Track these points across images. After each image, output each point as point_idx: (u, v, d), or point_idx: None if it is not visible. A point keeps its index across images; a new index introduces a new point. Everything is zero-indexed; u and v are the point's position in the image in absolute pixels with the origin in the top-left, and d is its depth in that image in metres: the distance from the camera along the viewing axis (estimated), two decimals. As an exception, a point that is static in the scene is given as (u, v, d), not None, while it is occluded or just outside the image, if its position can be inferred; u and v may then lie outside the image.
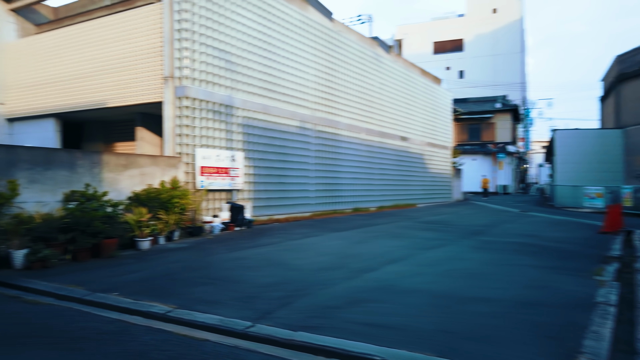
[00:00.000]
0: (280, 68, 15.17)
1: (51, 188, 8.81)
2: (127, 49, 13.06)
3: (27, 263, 7.42)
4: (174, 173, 11.51)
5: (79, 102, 14.19)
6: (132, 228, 9.25)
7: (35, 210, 8.35)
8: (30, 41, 15.64)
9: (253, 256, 8.70)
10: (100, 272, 7.19)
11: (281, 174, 15.22)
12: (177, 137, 11.84)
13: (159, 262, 8.05)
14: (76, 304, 5.60)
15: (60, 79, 14.62)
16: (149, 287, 6.28)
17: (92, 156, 9.68)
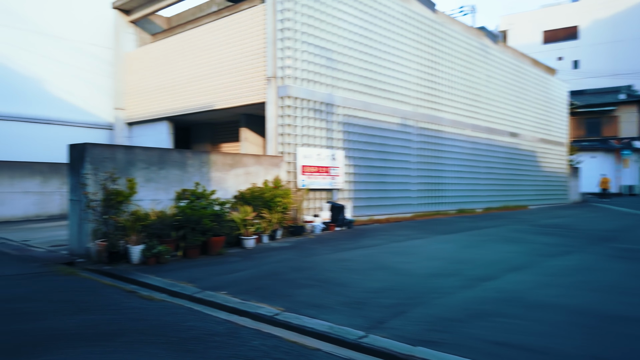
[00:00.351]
0: (381, 64, 14.69)
1: (164, 186, 9.20)
2: (232, 52, 13.44)
3: (143, 258, 7.75)
4: (276, 172, 11.54)
5: (188, 105, 14.92)
6: (237, 226, 9.36)
7: (151, 207, 8.75)
8: (146, 50, 16.81)
9: (357, 258, 8.33)
10: (209, 270, 7.27)
11: (382, 173, 14.73)
12: (279, 136, 11.88)
13: (264, 261, 7.99)
14: (187, 302, 5.63)
15: (172, 84, 15.50)
16: (256, 286, 6.17)
17: (201, 156, 9.97)
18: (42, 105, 16.51)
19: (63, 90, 17.02)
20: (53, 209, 16.42)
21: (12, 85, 15.84)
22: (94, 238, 8.08)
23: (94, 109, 17.82)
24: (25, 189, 15.79)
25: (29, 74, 16.19)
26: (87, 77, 17.53)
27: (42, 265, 7.69)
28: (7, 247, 9.82)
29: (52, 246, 9.65)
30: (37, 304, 5.27)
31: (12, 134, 15.84)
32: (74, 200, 8.43)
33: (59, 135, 16.90)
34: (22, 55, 15.97)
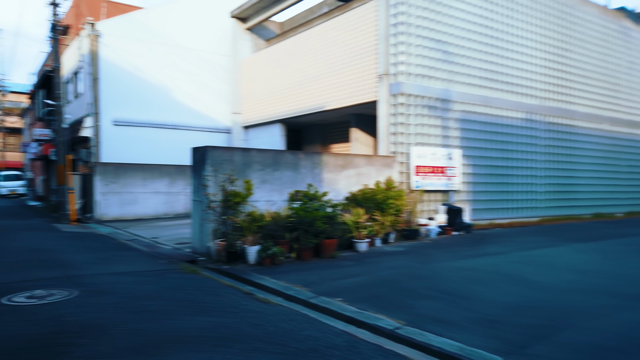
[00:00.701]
0: (503, 54, 13.49)
1: (278, 188, 9.25)
2: (342, 52, 13.27)
3: (259, 259, 7.81)
4: (389, 173, 11.09)
5: (300, 107, 15.08)
6: (349, 229, 9.09)
7: (265, 208, 8.84)
8: (260, 55, 17.39)
9: (481, 267, 7.57)
10: (322, 274, 7.07)
11: (504, 173, 13.52)
12: (391, 135, 11.42)
13: (379, 267, 7.60)
14: (303, 307, 5.45)
15: (284, 87, 15.81)
16: (372, 294, 5.80)
17: (313, 157, 9.89)
18: (170, 112, 17.88)
19: (187, 97, 18.28)
20: (179, 208, 17.69)
21: (145, 94, 17.36)
22: (213, 238, 8.35)
23: (214, 114, 18.90)
24: (156, 189, 17.20)
25: (158, 83, 17.62)
26: (208, 84, 18.65)
27: (168, 263, 8.12)
28: (140, 243, 10.64)
29: (178, 244, 10.24)
30: (162, 303, 5.45)
31: (145, 138, 17.37)
32: (196, 200, 8.81)
33: (184, 139, 18.16)
34: (152, 66, 17.44)
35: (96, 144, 16.36)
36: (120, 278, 6.71)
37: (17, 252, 8.95)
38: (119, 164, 16.46)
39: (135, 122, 17.16)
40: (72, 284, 6.25)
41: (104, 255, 8.77)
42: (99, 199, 16.00)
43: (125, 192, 16.53)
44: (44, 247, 9.63)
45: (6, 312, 4.93)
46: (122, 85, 16.85)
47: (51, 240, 10.88)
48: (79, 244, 10.21)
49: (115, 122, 16.76)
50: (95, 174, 16.00)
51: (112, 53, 16.63)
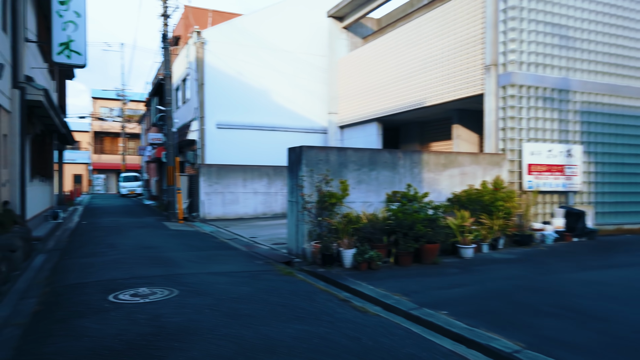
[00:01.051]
0: (634, 36, 11.76)
1: (375, 188, 8.81)
2: (444, 44, 12.46)
3: (355, 263, 7.44)
4: (497, 172, 10.12)
5: (397, 105, 14.49)
6: (453, 233, 8.38)
7: (361, 210, 8.45)
8: (356, 54, 17.06)
9: (613, 281, 6.49)
10: (423, 282, 6.51)
11: (635, 171, 11.78)
12: (499, 131, 10.43)
13: (488, 276, 6.85)
14: (403, 319, 4.96)
15: (381, 84, 15.32)
16: (482, 309, 5.14)
17: (412, 156, 9.30)
18: (268, 114, 18.25)
19: (284, 99, 18.53)
20: (276, 208, 17.97)
21: (245, 97, 17.89)
22: (309, 239, 8.14)
23: (310, 115, 18.97)
24: (255, 189, 17.63)
25: (257, 86, 18.07)
26: (304, 85, 18.76)
27: (264, 264, 8.06)
28: (239, 242, 10.83)
29: (274, 244, 10.23)
30: (257, 306, 5.28)
31: (244, 140, 17.91)
32: (292, 201, 8.68)
33: (281, 141, 18.45)
34: (252, 70, 17.93)
35: (201, 146, 17.17)
36: (218, 278, 6.73)
37: (129, 249, 9.50)
38: (221, 165, 17.11)
39: (236, 124, 17.75)
40: (173, 282, 6.37)
41: (205, 254, 8.97)
42: (203, 198, 16.77)
43: (227, 192, 17.15)
44: (152, 245, 10.15)
45: (111, 310, 5.07)
46: (224, 89, 17.52)
47: (159, 238, 11.49)
48: (183, 242, 10.63)
49: (219, 125, 17.46)
50: (200, 175, 16.79)
51: (216, 59, 17.36)
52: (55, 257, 8.70)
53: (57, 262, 8.14)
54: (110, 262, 8.02)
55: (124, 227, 14.01)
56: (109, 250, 9.39)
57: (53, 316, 4.88)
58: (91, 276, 6.80)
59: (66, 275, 6.91)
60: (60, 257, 8.68)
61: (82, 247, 9.80)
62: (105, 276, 6.77)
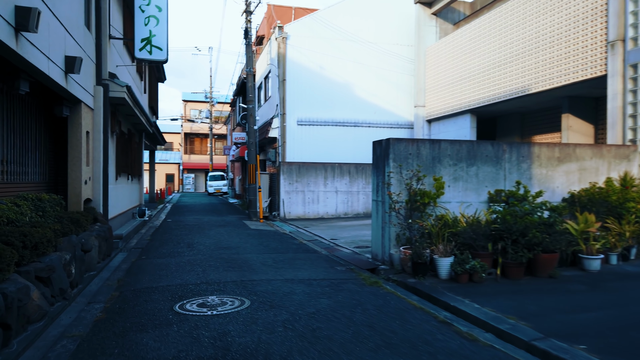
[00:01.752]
0: None
1: (474, 186, 7.59)
2: (554, 21, 10.80)
3: (452, 273, 6.33)
4: (625, 167, 8.41)
5: (494, 94, 12.96)
6: (575, 240, 6.93)
7: (459, 212, 7.30)
8: (446, 41, 15.67)
9: None
10: (542, 301, 5.26)
11: None
12: (628, 119, 8.69)
13: (627, 296, 5.43)
14: (526, 354, 3.84)
15: (474, 72, 13.85)
16: (632, 343, 3.87)
17: (520, 148, 7.93)
18: (350, 109, 17.41)
19: (367, 93, 17.58)
20: (358, 208, 17.10)
21: (326, 92, 17.20)
22: (397, 244, 7.16)
23: (394, 109, 17.84)
24: (336, 188, 16.89)
25: (339, 80, 17.29)
26: (388, 78, 17.67)
27: (346, 270, 7.20)
28: (319, 245, 10.08)
29: (357, 247, 9.35)
30: (338, 326, 4.43)
31: (325, 137, 17.22)
32: (377, 201, 7.74)
33: (363, 137, 17.55)
34: (334, 64, 17.18)
35: (282, 143, 16.75)
36: (295, 287, 5.97)
37: (206, 250, 9.12)
38: (302, 163, 16.58)
39: (317, 121, 17.11)
40: (245, 290, 5.71)
41: (283, 257, 8.31)
42: (283, 197, 16.34)
43: (307, 191, 16.58)
44: (229, 245, 9.71)
45: (175, 323, 4.47)
46: (305, 84, 16.96)
47: (238, 238, 11.08)
48: (262, 243, 10.10)
49: (299, 122, 16.94)
50: (281, 173, 16.37)
51: (298, 53, 16.84)
52: (133, 256, 8.51)
53: (134, 261, 7.90)
54: (185, 263, 7.61)
55: (205, 225, 13.89)
56: (186, 250, 9.07)
57: (113, 328, 4.37)
58: (163, 280, 6.36)
59: (138, 278, 6.54)
60: (139, 256, 8.46)
61: (162, 246, 9.60)
62: (176, 280, 6.29)
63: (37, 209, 6.25)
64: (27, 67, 5.70)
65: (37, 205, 6.27)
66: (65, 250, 5.71)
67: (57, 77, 6.55)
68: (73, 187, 8.08)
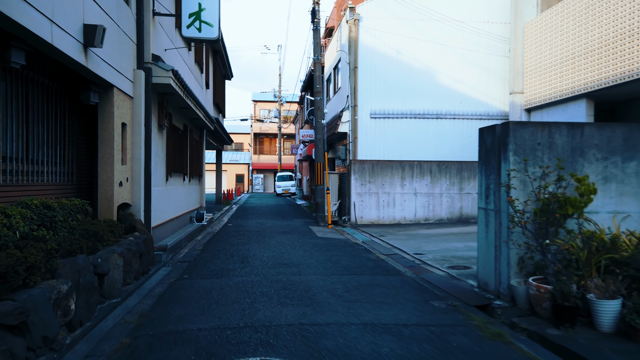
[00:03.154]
0: None
1: (636, 190, 5.25)
2: None
3: (622, 325, 4.11)
4: None
5: (621, 72, 10.21)
6: None
7: (614, 226, 5.01)
8: (551, 14, 12.96)
9: None
10: None
11: None
12: None
13: None
14: None
15: (592, 47, 11.12)
16: None
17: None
18: (430, 99, 15.15)
19: (452, 79, 15.22)
20: (441, 213, 14.82)
21: (403, 81, 15.07)
22: (519, 271, 5.03)
23: (484, 97, 15.33)
24: (415, 189, 14.72)
25: (419, 65, 15.09)
26: (477, 61, 15.20)
27: (448, 308, 5.15)
28: (401, 261, 8.07)
29: (451, 267, 7.24)
30: None
31: (402, 131, 15.09)
32: (487, 209, 5.62)
33: (447, 130, 15.22)
34: (413, 47, 15.01)
35: (353, 139, 14.86)
36: (379, 341, 4.03)
37: (262, 267, 7.44)
38: (375, 160, 14.60)
39: (392, 113, 15.04)
40: (306, 346, 3.87)
41: (357, 282, 6.40)
42: (354, 200, 14.44)
43: (382, 193, 14.57)
44: (291, 260, 7.97)
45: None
46: (380, 72, 14.95)
47: (301, 249, 9.34)
48: (330, 259, 8.27)
49: (373, 115, 14.96)
50: (352, 172, 14.50)
51: (371, 37, 14.87)
52: (176, 273, 7.00)
53: (173, 283, 6.36)
54: (232, 288, 5.94)
55: (267, 232, 12.33)
56: (238, 266, 7.44)
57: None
58: (196, 317, 4.68)
59: (167, 312, 4.93)
60: (181, 274, 6.94)
61: (212, 260, 8.06)
62: (213, 320, 4.58)
63: (42, 219, 4.82)
64: (19, 30, 4.25)
65: (42, 214, 4.84)
66: (64, 278, 4.19)
67: (68, 48, 5.09)
68: (104, 189, 6.70)
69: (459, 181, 14.89)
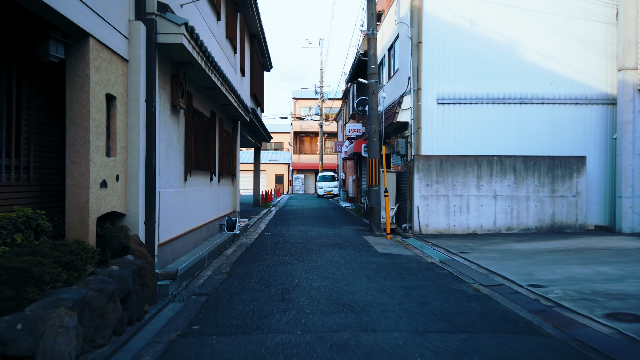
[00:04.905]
0: None
1: None
2: None
3: None
4: None
5: None
6: None
7: None
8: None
9: None
10: None
11: None
12: None
13: None
14: None
15: None
16: None
17: None
18: (513, 79, 12.27)
19: (540, 55, 12.29)
20: (527, 220, 11.92)
21: (478, 57, 12.27)
22: None
23: (581, 76, 12.31)
24: (494, 191, 11.90)
25: (498, 38, 12.25)
26: (571, 31, 12.21)
27: None
28: (517, 300, 5.38)
29: (609, 316, 4.52)
30: None
31: (476, 119, 12.29)
32: None
33: (533, 118, 12.30)
34: (489, 14, 12.18)
35: (416, 130, 12.19)
36: None
37: (311, 308, 4.98)
38: (444, 156, 11.89)
39: (464, 97, 12.27)
40: None
41: (476, 350, 3.79)
42: (418, 204, 11.78)
43: (453, 196, 11.84)
44: (354, 298, 5.44)
45: None
46: (449, 48, 12.22)
47: (363, 275, 6.80)
48: (410, 294, 5.69)
49: (440, 100, 12.24)
50: (414, 170, 11.84)
51: (439, 5, 12.16)
52: (183, 320, 4.62)
53: (174, 342, 3.98)
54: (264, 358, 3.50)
55: (313, 244, 9.87)
56: (277, 308, 4.97)
57: None
58: None
59: None
60: (191, 321, 4.55)
61: (240, 293, 5.65)
62: None
63: None
64: None
65: None
66: None
67: None
68: (74, 193, 4.40)
69: (551, 181, 11.93)
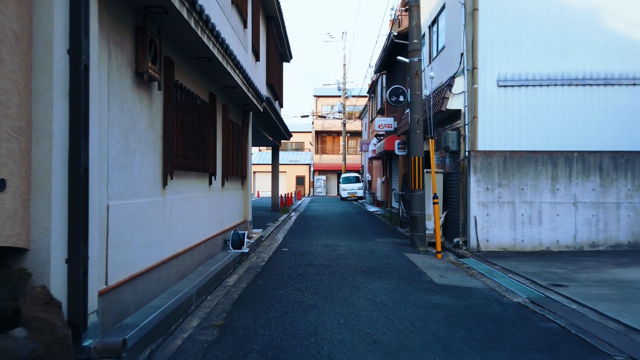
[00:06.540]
0: None
1: None
2: None
3: None
4: None
5: None
6: None
7: None
8: None
9: None
10: None
11: None
12: None
13: None
14: None
15: None
16: None
17: None
18: (594, 54, 9.66)
19: (628, 22, 9.66)
20: (617, 234, 9.29)
21: (551, 28, 9.70)
22: None
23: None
24: (574, 197, 9.30)
25: (573, 1, 9.65)
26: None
27: None
28: None
29: None
30: None
31: (550, 106, 9.71)
32: None
33: (622, 104, 9.66)
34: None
35: (471, 120, 9.67)
36: None
37: None
38: (509, 152, 9.37)
39: (532, 78, 9.70)
40: None
41: None
42: (476, 213, 9.27)
43: (520, 203, 9.30)
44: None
45: None
46: (512, 16, 9.68)
47: (428, 341, 4.37)
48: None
49: (502, 82, 9.70)
50: (470, 171, 9.34)
51: (496, -39, 9.65)
52: None
53: None
54: None
55: (343, 270, 7.43)
56: None
57: None
58: None
59: None
60: None
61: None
62: None
63: None
64: None
65: None
66: None
67: None
68: None
69: (649, 183, 9.29)
